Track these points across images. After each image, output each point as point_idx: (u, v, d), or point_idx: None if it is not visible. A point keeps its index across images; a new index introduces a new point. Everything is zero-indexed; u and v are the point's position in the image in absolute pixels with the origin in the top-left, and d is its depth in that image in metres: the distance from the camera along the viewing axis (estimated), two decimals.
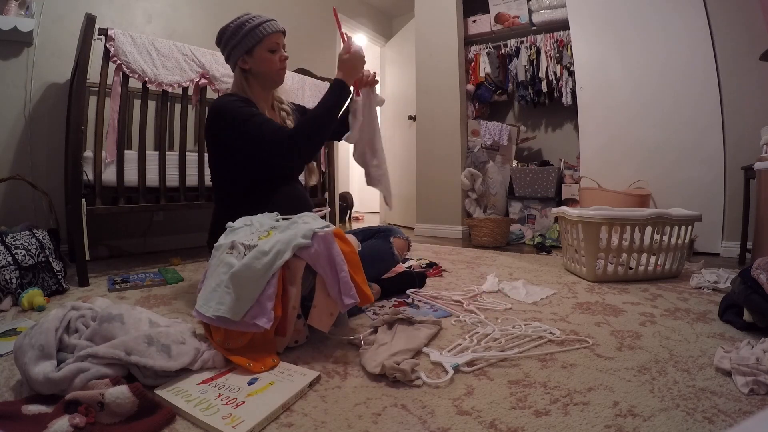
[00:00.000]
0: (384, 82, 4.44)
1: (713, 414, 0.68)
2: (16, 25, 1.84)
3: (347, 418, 0.69)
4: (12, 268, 1.33)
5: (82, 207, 1.59)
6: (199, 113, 1.99)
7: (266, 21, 1.26)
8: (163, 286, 1.59)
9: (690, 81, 2.45)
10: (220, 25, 1.30)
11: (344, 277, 0.92)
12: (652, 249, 1.68)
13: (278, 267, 0.89)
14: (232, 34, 1.25)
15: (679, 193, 2.47)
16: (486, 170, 2.99)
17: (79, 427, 0.60)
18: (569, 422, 0.67)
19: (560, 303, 1.37)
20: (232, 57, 1.29)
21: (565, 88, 3.02)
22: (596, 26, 2.75)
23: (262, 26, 1.24)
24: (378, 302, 1.36)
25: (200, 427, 0.66)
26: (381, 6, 4.52)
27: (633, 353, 0.95)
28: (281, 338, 0.93)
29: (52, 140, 2.09)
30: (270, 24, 1.26)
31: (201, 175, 2.00)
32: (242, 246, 0.94)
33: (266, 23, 1.26)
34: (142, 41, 1.72)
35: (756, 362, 0.80)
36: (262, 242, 0.93)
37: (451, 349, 0.94)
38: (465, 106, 3.35)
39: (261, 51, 1.26)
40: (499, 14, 3.29)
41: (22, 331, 1.00)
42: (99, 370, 0.72)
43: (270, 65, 1.28)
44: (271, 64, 1.28)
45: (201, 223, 2.68)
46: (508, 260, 2.21)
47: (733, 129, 2.35)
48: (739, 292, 1.10)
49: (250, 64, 1.28)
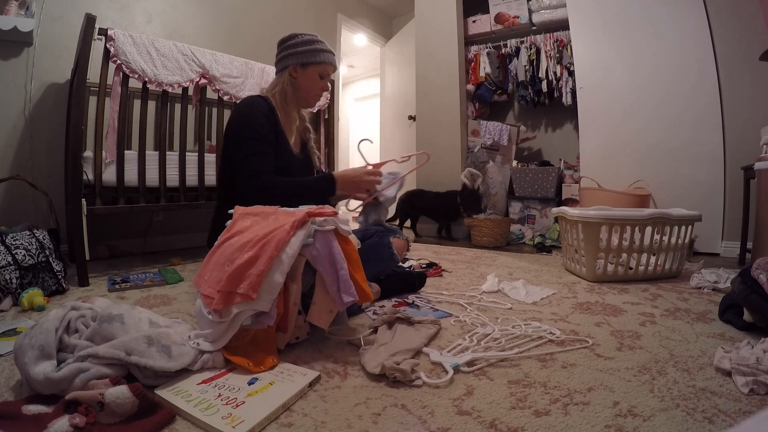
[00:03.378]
0: (384, 82, 4.43)
1: (713, 414, 0.68)
2: (16, 25, 1.84)
3: (347, 418, 0.69)
4: (12, 268, 1.33)
5: (82, 207, 1.59)
6: (199, 113, 1.99)
7: (330, 51, 1.36)
8: (163, 286, 1.59)
9: (690, 81, 2.45)
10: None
11: (344, 275, 0.92)
12: (652, 249, 1.68)
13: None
14: (300, 43, 1.33)
15: (679, 193, 2.48)
16: (486, 170, 3.00)
17: (79, 427, 0.60)
18: (569, 422, 0.67)
19: (560, 303, 1.37)
20: (287, 61, 1.34)
21: (565, 88, 3.02)
22: (596, 26, 2.75)
23: (326, 54, 1.34)
24: (378, 302, 1.36)
25: (200, 427, 0.66)
26: (381, 6, 4.52)
27: (633, 353, 0.95)
28: (282, 335, 0.94)
29: (52, 140, 2.09)
30: (332, 56, 1.36)
31: (201, 175, 2.00)
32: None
33: (330, 53, 1.36)
34: (142, 41, 1.72)
35: (756, 362, 0.80)
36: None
37: (451, 349, 0.94)
38: (465, 106, 3.35)
39: (313, 70, 1.34)
40: (499, 14, 3.29)
41: (22, 331, 1.00)
42: (99, 370, 0.72)
43: (313, 86, 1.36)
44: (315, 86, 1.36)
45: (201, 223, 2.67)
46: (508, 260, 2.21)
47: (733, 129, 2.35)
48: (739, 292, 1.10)
49: (299, 75, 1.34)
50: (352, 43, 4.80)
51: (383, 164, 1.43)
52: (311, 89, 1.36)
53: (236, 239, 0.98)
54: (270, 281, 0.87)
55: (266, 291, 0.87)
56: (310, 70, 1.33)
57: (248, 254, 0.89)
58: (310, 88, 1.36)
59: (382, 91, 4.43)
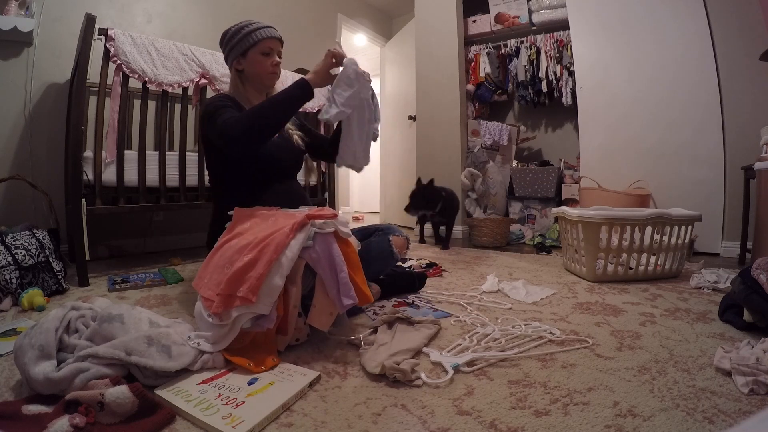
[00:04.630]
0: (384, 82, 4.43)
1: (713, 414, 0.68)
2: (16, 25, 1.84)
3: (347, 418, 0.69)
4: (12, 268, 1.33)
5: (82, 207, 1.59)
6: (199, 113, 1.99)
7: (263, 27, 1.30)
8: (163, 286, 1.59)
9: (690, 81, 2.45)
10: (219, 25, 1.31)
11: (343, 278, 0.92)
12: (652, 249, 1.68)
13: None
14: (231, 37, 1.30)
15: (679, 193, 2.47)
16: (486, 170, 2.99)
17: (79, 427, 0.60)
18: (569, 422, 0.67)
19: (560, 303, 1.37)
20: (229, 58, 1.33)
21: (565, 88, 3.02)
22: (596, 26, 2.75)
23: (258, 31, 1.29)
24: (378, 302, 1.36)
25: (200, 427, 0.66)
26: (381, 6, 4.52)
27: (633, 353, 0.95)
28: (282, 337, 0.94)
29: (52, 140, 2.09)
30: (266, 30, 1.31)
31: (201, 175, 2.00)
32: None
33: (262, 29, 1.30)
34: (142, 41, 1.72)
35: (756, 362, 0.80)
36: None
37: (451, 349, 0.94)
38: (465, 106, 3.35)
39: (254, 54, 1.30)
40: (499, 14, 3.29)
41: (22, 331, 1.00)
42: (99, 370, 0.72)
43: (261, 67, 1.31)
44: (262, 66, 1.31)
45: (201, 223, 2.68)
46: (508, 260, 2.21)
47: (733, 129, 2.35)
48: (739, 292, 1.10)
49: (243, 65, 1.32)
50: (352, 43, 4.80)
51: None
52: (260, 70, 1.32)
53: (236, 241, 0.98)
54: (269, 284, 0.87)
55: (266, 294, 0.87)
56: (251, 54, 1.30)
57: (248, 257, 0.89)
58: (260, 70, 1.32)
59: (382, 91, 4.43)
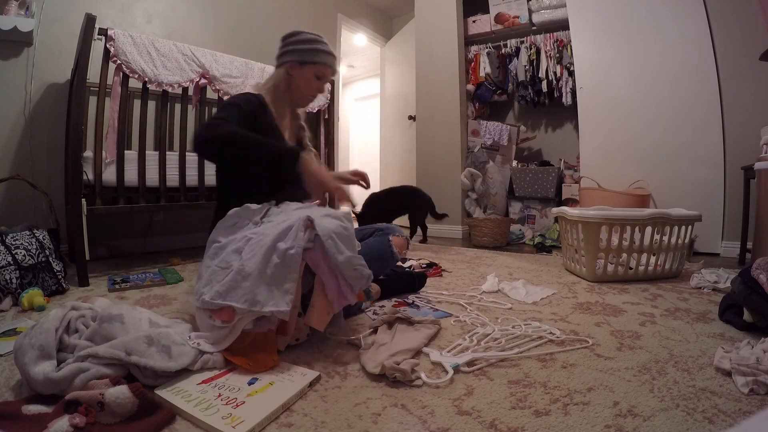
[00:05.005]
0: (384, 82, 4.43)
1: (713, 414, 0.68)
2: (16, 25, 1.84)
3: (347, 418, 0.69)
4: (12, 268, 1.33)
5: (82, 207, 1.59)
6: (199, 113, 1.99)
7: (331, 53, 1.33)
8: (163, 286, 1.59)
9: (690, 81, 2.45)
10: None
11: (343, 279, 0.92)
12: (652, 249, 1.68)
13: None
14: (300, 41, 1.31)
15: (679, 193, 2.47)
16: (486, 170, 2.99)
17: (79, 427, 0.60)
18: (569, 422, 0.67)
19: (560, 303, 1.37)
20: (286, 57, 1.32)
21: (565, 88, 3.02)
22: (596, 26, 2.75)
23: (326, 55, 1.32)
24: (378, 302, 1.36)
25: (200, 427, 0.66)
26: (381, 6, 4.52)
27: (633, 353, 0.95)
28: (283, 337, 0.94)
29: (52, 140, 2.09)
30: (331, 59, 1.34)
31: (201, 175, 2.00)
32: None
33: (330, 55, 1.33)
34: (142, 41, 1.72)
35: (756, 362, 0.80)
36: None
37: (451, 349, 0.94)
38: (465, 106, 3.35)
39: (310, 70, 1.32)
40: (499, 14, 3.29)
41: (22, 331, 1.00)
42: (99, 370, 0.72)
43: (307, 86, 1.34)
44: (309, 86, 1.34)
45: (201, 223, 2.67)
46: (508, 260, 2.21)
47: (733, 129, 2.35)
48: (739, 292, 1.10)
49: (295, 73, 1.32)
50: (352, 43, 4.80)
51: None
52: (305, 88, 1.34)
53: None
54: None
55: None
56: (307, 69, 1.31)
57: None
58: (305, 87, 1.34)
59: (382, 92, 4.43)
